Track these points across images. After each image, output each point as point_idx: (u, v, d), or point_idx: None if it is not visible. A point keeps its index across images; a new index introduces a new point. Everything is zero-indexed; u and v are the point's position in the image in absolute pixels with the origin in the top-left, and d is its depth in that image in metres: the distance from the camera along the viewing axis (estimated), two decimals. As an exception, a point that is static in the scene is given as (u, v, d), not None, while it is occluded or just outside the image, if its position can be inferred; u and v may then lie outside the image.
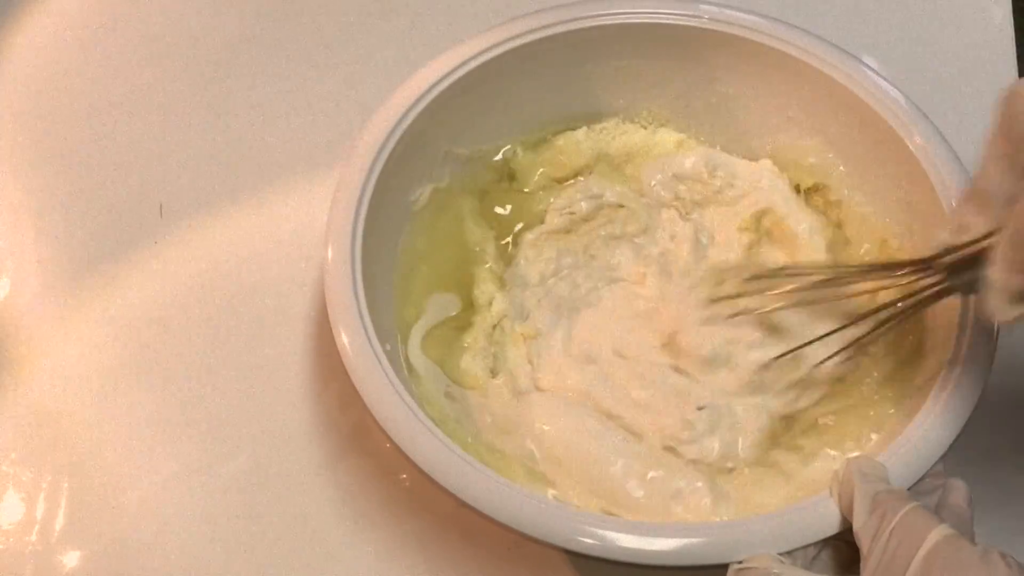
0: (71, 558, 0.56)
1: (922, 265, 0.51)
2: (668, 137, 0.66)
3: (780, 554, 0.46)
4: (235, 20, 0.75)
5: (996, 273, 0.45)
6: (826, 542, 0.47)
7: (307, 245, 0.65)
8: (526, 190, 0.64)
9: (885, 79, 0.58)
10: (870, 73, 0.59)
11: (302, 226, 0.66)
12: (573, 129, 0.65)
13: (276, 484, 0.58)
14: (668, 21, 0.61)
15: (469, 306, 0.61)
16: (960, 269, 0.49)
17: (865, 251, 0.61)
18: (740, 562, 0.46)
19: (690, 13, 0.61)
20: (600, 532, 0.46)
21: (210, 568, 0.56)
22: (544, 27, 0.60)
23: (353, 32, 0.74)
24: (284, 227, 0.66)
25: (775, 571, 0.45)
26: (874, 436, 0.54)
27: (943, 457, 0.49)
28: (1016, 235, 0.44)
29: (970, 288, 0.49)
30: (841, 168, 0.62)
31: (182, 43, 0.73)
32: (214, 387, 0.61)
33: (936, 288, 0.51)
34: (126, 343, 0.62)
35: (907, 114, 0.57)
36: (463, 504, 0.47)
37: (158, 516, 0.57)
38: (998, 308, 0.46)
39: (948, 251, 0.49)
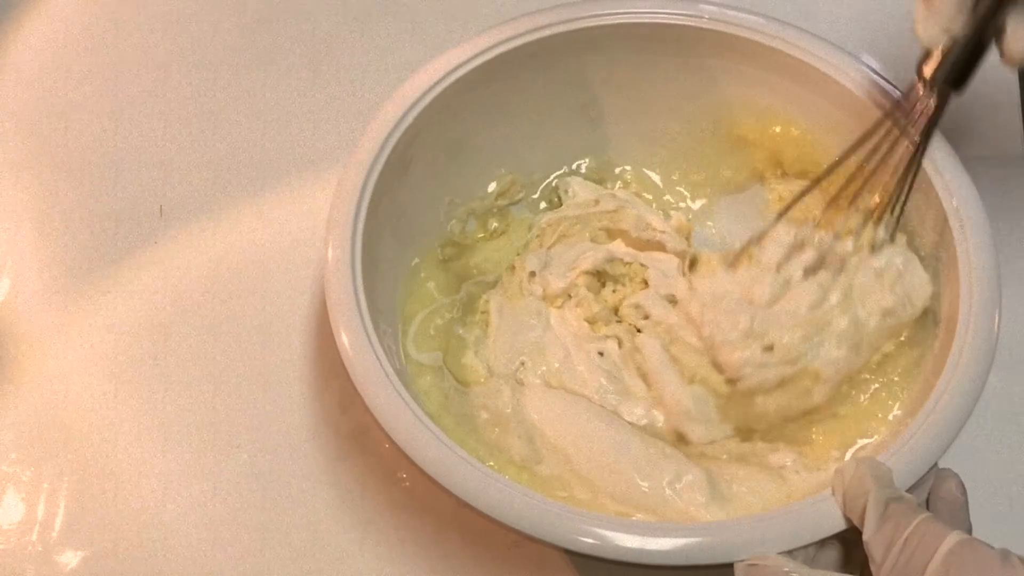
0: (71, 558, 0.56)
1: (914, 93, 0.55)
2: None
3: (780, 553, 0.46)
4: (235, 22, 0.74)
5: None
6: (826, 541, 0.47)
7: (307, 246, 0.65)
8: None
9: (885, 78, 0.58)
10: (870, 73, 0.59)
11: (302, 227, 0.66)
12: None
13: (276, 485, 0.58)
14: (668, 21, 0.61)
15: (469, 303, 0.61)
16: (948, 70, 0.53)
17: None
18: (745, 560, 0.46)
19: (691, 13, 0.61)
20: (600, 532, 0.46)
21: (210, 568, 0.56)
22: (543, 27, 0.60)
23: (353, 34, 0.74)
24: (284, 228, 0.66)
25: (785, 570, 0.45)
26: (869, 439, 0.54)
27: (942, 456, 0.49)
28: None
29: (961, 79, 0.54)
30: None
31: (182, 45, 0.73)
32: (214, 387, 0.61)
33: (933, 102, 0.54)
34: (126, 344, 0.62)
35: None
36: (463, 504, 0.47)
37: (158, 516, 0.57)
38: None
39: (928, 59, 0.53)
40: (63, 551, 0.56)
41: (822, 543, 0.47)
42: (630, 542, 0.46)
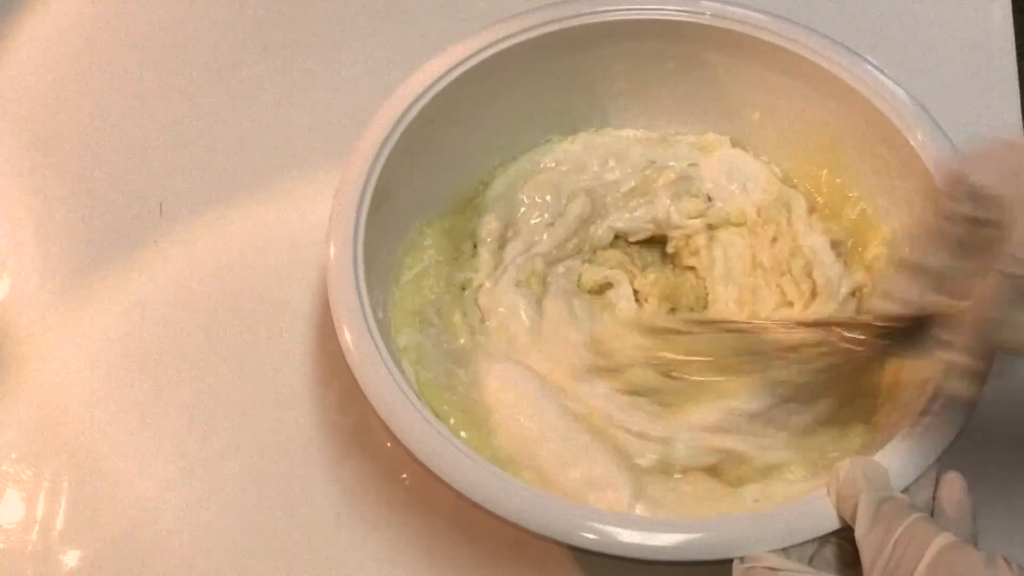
0: (71, 558, 0.56)
1: (857, 328, 0.51)
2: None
3: (776, 551, 0.46)
4: (235, 20, 0.75)
5: (952, 352, 0.46)
6: (825, 540, 0.47)
7: (307, 245, 0.65)
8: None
9: (888, 76, 0.59)
10: (872, 70, 0.59)
11: (302, 226, 0.66)
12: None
13: (277, 484, 0.58)
14: (669, 18, 0.61)
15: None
16: (897, 334, 0.49)
17: (873, 257, 0.61)
18: (743, 559, 0.46)
19: (692, 10, 0.61)
20: (602, 527, 0.46)
21: (210, 568, 0.56)
22: (544, 23, 0.60)
23: (354, 31, 0.74)
24: (285, 227, 0.66)
25: (781, 569, 0.45)
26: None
27: (941, 457, 0.49)
28: (977, 322, 0.44)
29: (909, 351, 0.49)
30: (843, 164, 0.62)
31: (182, 44, 0.73)
32: (215, 387, 0.61)
33: (868, 349, 0.51)
34: (126, 343, 0.62)
35: (910, 111, 0.57)
36: (465, 500, 0.47)
37: (158, 516, 0.57)
38: (954, 384, 0.47)
39: (886, 319, 0.49)
40: (63, 551, 0.56)
41: (822, 541, 0.47)
42: (632, 538, 0.46)
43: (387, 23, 0.74)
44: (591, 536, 0.46)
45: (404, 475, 0.57)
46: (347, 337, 0.51)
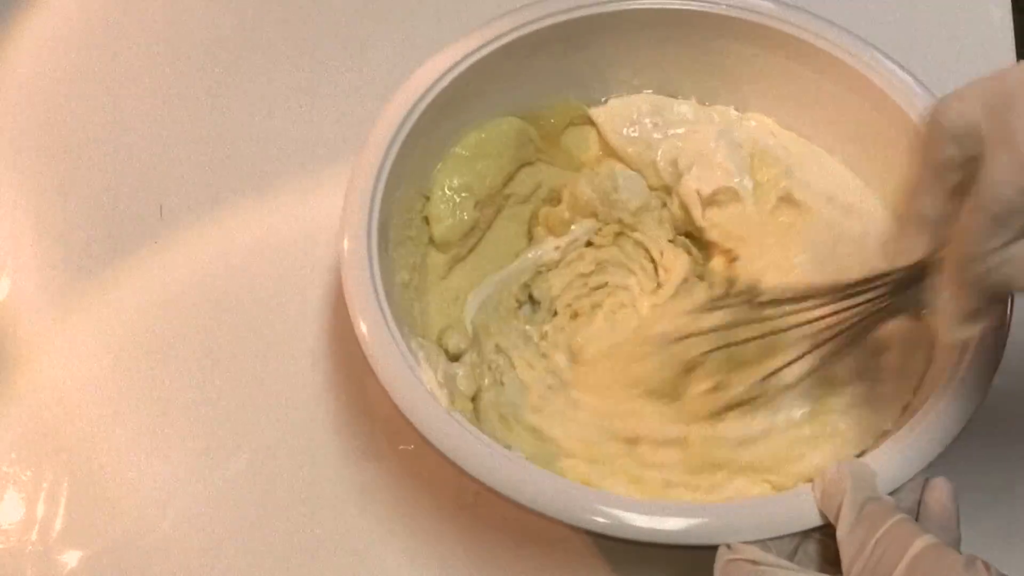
0: (71, 558, 0.55)
1: (865, 286, 0.50)
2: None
3: (755, 544, 0.46)
4: (236, 18, 0.75)
5: (943, 296, 0.45)
6: (808, 536, 0.47)
7: (308, 244, 0.65)
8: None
9: (900, 65, 0.59)
10: (882, 57, 0.59)
11: (303, 225, 0.66)
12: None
13: (277, 485, 0.58)
14: (681, 7, 0.61)
15: None
16: (902, 288, 0.48)
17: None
18: (729, 546, 0.46)
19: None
20: (612, 511, 0.46)
21: (211, 568, 0.55)
22: (554, 14, 0.60)
23: (360, 24, 0.74)
24: (285, 226, 0.66)
25: (762, 563, 0.45)
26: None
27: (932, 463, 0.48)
28: (960, 258, 0.43)
29: (913, 305, 0.48)
30: (853, 154, 0.63)
31: (183, 42, 0.73)
32: (216, 387, 0.60)
33: (881, 306, 0.50)
34: (127, 343, 0.62)
35: (920, 98, 0.58)
36: (480, 484, 0.47)
37: (159, 516, 0.56)
38: (948, 329, 0.45)
39: (889, 274, 0.49)
40: (63, 551, 0.55)
41: (804, 537, 0.47)
42: (638, 521, 0.46)
43: (390, 23, 0.75)
44: (601, 520, 0.46)
45: (420, 475, 0.57)
46: (363, 328, 0.50)
